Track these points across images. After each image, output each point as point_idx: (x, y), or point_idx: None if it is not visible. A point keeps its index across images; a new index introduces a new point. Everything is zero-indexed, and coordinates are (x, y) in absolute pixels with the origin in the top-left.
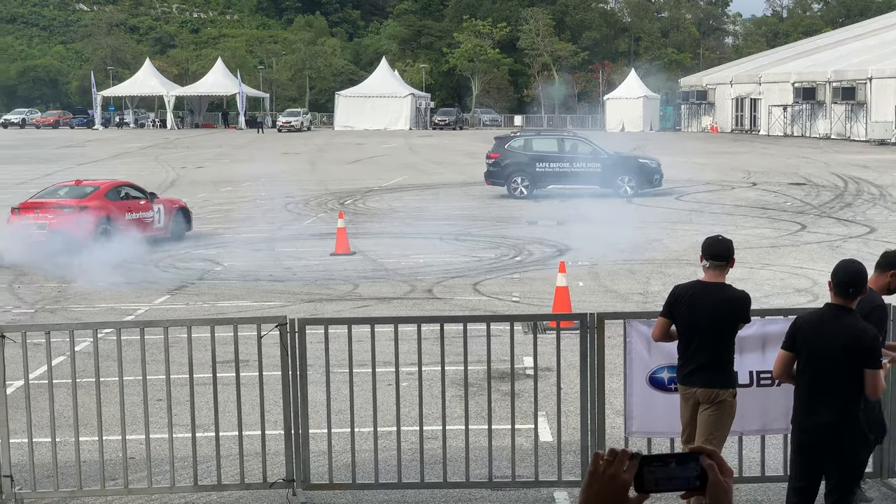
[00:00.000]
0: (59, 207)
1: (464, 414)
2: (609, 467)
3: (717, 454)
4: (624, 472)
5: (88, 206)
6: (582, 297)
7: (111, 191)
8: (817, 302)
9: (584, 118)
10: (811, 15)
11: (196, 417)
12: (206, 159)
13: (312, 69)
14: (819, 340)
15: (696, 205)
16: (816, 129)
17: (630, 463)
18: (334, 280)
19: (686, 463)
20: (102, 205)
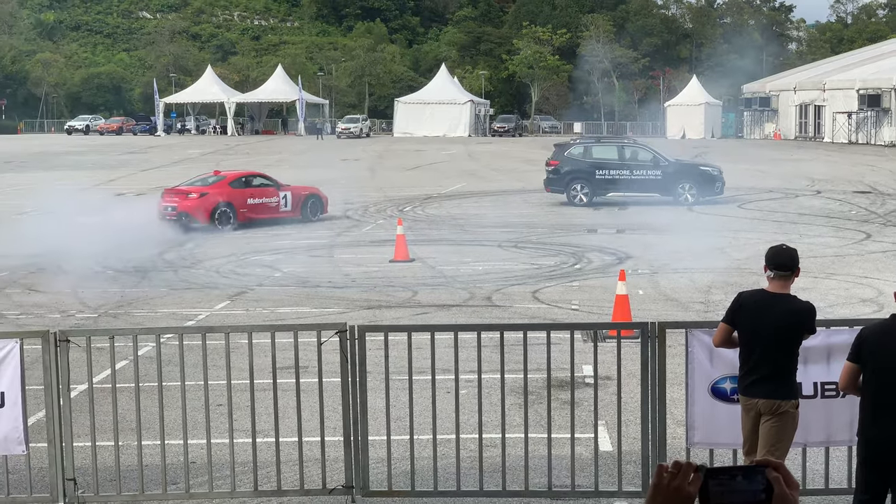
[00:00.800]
0: (185, 193)
1: (523, 422)
2: (674, 479)
3: (784, 467)
4: (689, 484)
5: (208, 193)
6: (642, 305)
7: (236, 180)
8: (882, 312)
9: (645, 125)
10: (876, 21)
11: (256, 423)
12: (266, 165)
13: (372, 76)
14: (885, 352)
15: (759, 213)
16: (882, 136)
17: (695, 475)
18: (393, 287)
19: (752, 476)
20: (223, 191)
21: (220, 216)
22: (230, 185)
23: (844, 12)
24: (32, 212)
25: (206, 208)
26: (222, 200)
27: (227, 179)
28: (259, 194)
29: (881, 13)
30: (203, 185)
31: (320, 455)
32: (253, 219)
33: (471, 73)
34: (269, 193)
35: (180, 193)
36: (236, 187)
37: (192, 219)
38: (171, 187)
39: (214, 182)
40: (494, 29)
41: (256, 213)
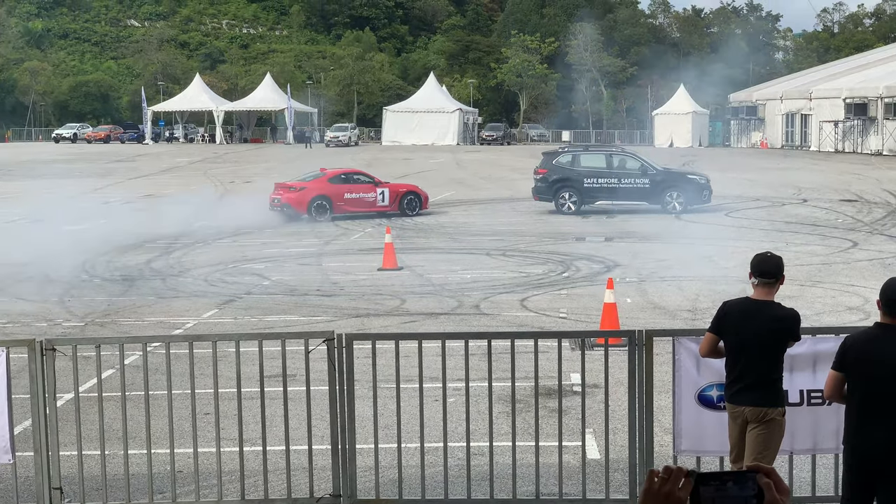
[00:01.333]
0: (289, 187)
1: (511, 430)
2: (664, 485)
3: (775, 473)
4: (679, 489)
5: (307, 187)
6: (630, 313)
7: (336, 176)
8: (868, 320)
9: (633, 134)
10: (863, 30)
11: (244, 432)
12: (255, 174)
13: (360, 84)
14: (869, 360)
15: (746, 221)
16: (868, 145)
17: (686, 480)
18: (381, 295)
19: (743, 481)
20: (321, 186)
21: (316, 208)
22: (329, 180)
23: (831, 21)
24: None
25: (304, 201)
26: (319, 194)
27: (327, 175)
28: (356, 189)
29: (868, 22)
30: (306, 180)
31: (308, 463)
32: (349, 211)
33: (459, 81)
34: (367, 189)
35: (285, 187)
36: (334, 183)
37: (292, 209)
38: (281, 182)
39: (315, 178)
40: (483, 37)
41: (353, 206)
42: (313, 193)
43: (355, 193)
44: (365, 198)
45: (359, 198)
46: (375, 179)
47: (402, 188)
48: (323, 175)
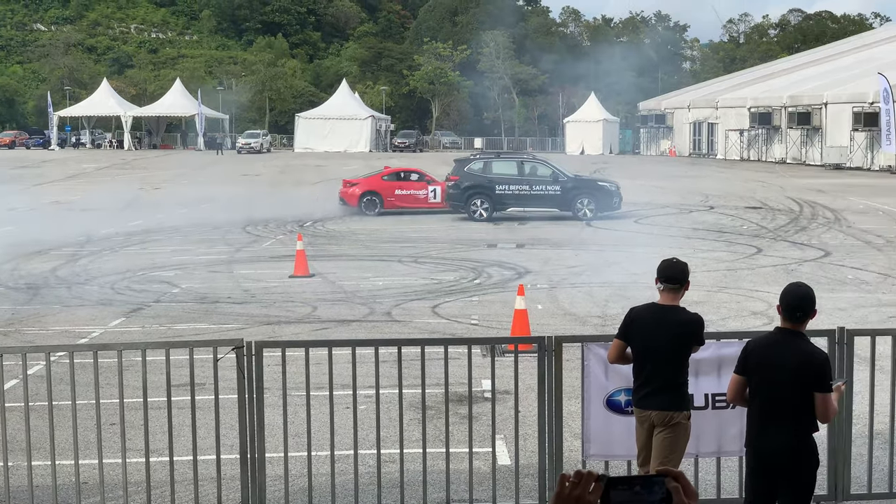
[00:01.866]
0: (348, 183)
1: (421, 437)
2: (575, 489)
3: (683, 476)
4: (590, 493)
5: (358, 184)
6: (541, 320)
7: (391, 174)
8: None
9: (544, 141)
10: (767, 41)
11: (150, 442)
12: (164, 180)
13: (272, 90)
14: (769, 364)
15: (655, 228)
16: (772, 153)
17: (596, 485)
18: (293, 302)
19: (651, 485)
20: (374, 183)
21: (366, 203)
22: (382, 178)
23: (737, 32)
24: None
25: (355, 195)
26: (370, 189)
27: (382, 173)
28: (408, 186)
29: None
30: (364, 177)
31: (216, 473)
32: (400, 206)
33: (372, 88)
34: (419, 186)
35: (346, 183)
36: (388, 180)
37: (346, 203)
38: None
39: (371, 175)
40: (395, 45)
41: (403, 202)
42: (364, 189)
43: (406, 190)
44: (416, 194)
45: (409, 194)
46: (427, 177)
47: None
48: (376, 173)
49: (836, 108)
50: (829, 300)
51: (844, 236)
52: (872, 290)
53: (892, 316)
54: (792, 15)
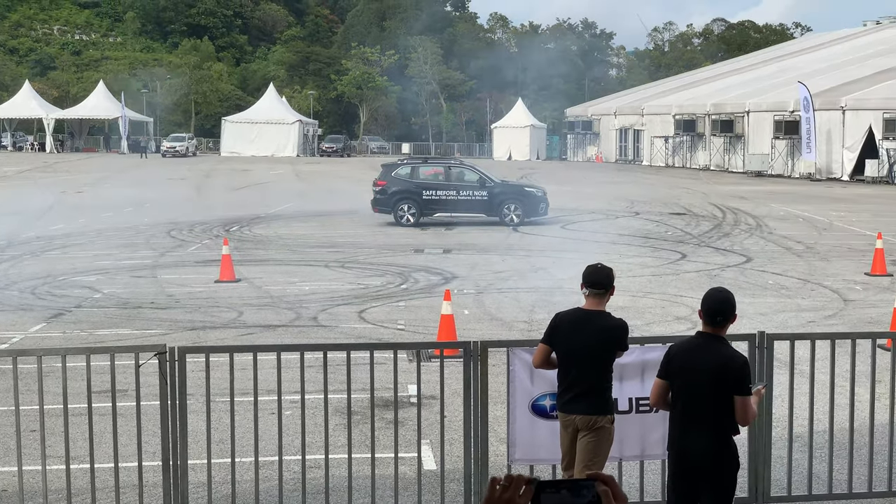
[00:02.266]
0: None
1: (347, 442)
2: (505, 492)
3: (613, 480)
4: (520, 496)
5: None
6: (467, 325)
7: None
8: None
9: (472, 146)
10: (692, 49)
11: (71, 449)
12: (86, 184)
13: (198, 94)
14: (691, 368)
15: (582, 233)
16: (696, 160)
17: (527, 488)
18: (218, 307)
19: (581, 489)
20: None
21: None
22: None
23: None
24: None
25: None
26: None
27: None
28: None
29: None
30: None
31: (138, 481)
32: None
33: (299, 92)
34: None
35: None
36: None
37: None
38: None
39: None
40: (323, 49)
41: None
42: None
43: None
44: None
45: None
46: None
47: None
48: None
49: (758, 117)
50: (751, 305)
51: (766, 242)
52: (792, 295)
53: (812, 321)
54: (715, 24)
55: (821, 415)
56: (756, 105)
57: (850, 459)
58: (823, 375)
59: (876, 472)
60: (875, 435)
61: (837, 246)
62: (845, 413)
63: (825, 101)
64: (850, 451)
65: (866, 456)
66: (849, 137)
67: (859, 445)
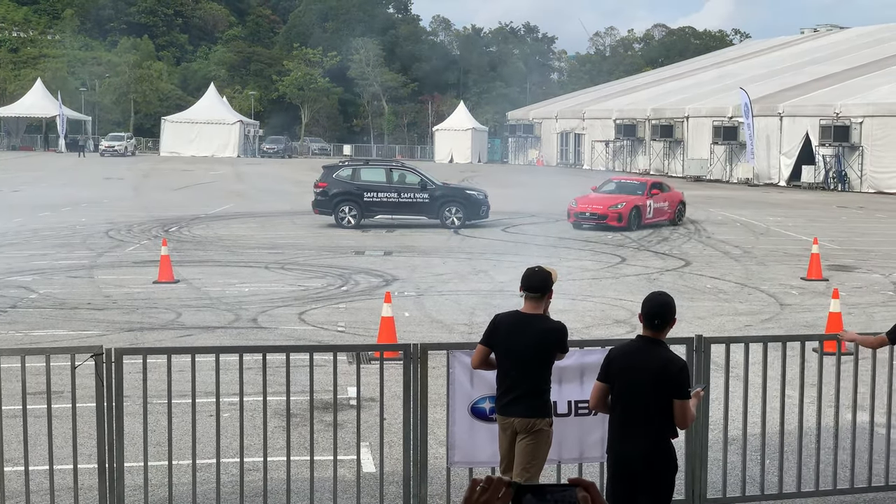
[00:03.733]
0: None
1: (286, 445)
2: (484, 494)
3: (593, 487)
4: (499, 499)
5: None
6: (408, 327)
7: None
8: (634, 333)
9: (414, 149)
10: (633, 54)
11: (5, 451)
12: (23, 182)
13: (138, 93)
14: (630, 371)
15: (522, 237)
16: (637, 164)
17: (506, 490)
18: (156, 309)
19: (561, 492)
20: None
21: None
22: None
23: (603, 45)
24: None
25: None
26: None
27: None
28: None
29: (637, 46)
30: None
31: (73, 483)
32: None
33: (240, 93)
34: None
35: None
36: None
37: None
38: None
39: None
40: (265, 49)
41: None
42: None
43: None
44: None
45: None
46: None
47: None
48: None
49: (697, 122)
50: (689, 309)
51: (704, 247)
52: (730, 299)
53: (749, 325)
54: (656, 30)
55: (755, 417)
56: (695, 110)
57: (780, 461)
58: (758, 378)
59: (805, 473)
60: (805, 436)
61: (774, 251)
62: (777, 416)
63: (763, 107)
64: (780, 452)
65: (795, 457)
66: (786, 143)
67: (790, 447)
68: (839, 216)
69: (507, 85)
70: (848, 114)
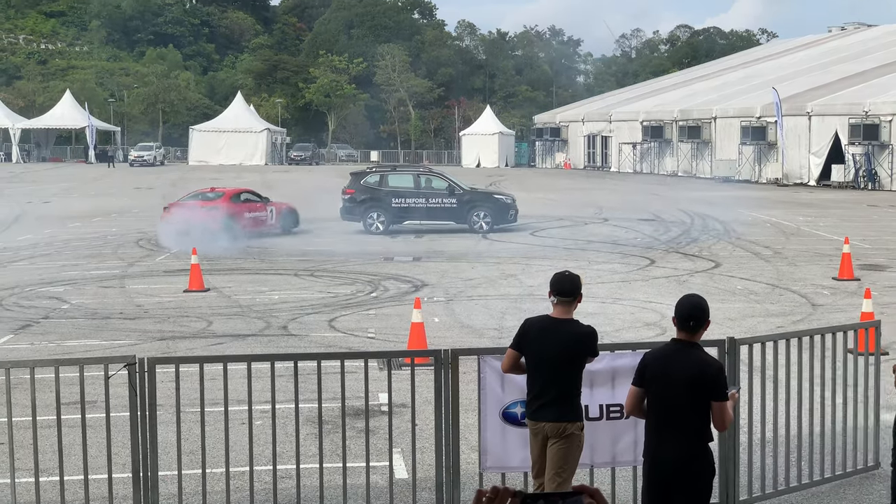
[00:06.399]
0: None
1: (318, 452)
2: None
3: (599, 493)
4: None
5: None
6: (438, 332)
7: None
8: (664, 335)
9: (441, 154)
10: (658, 56)
11: (40, 461)
12: (53, 194)
13: (165, 102)
14: (666, 375)
15: (551, 240)
16: (664, 166)
17: (512, 500)
18: (188, 317)
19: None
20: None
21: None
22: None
23: (629, 47)
24: None
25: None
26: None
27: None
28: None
29: (663, 48)
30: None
31: (108, 493)
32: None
33: (267, 101)
34: (258, 208)
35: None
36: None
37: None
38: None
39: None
40: (291, 57)
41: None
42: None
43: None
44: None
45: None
46: (265, 202)
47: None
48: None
49: (725, 122)
50: (720, 311)
51: (734, 248)
52: (761, 300)
53: (780, 326)
54: (680, 31)
55: (785, 418)
56: (723, 111)
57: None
58: (792, 381)
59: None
60: (837, 436)
61: (805, 251)
62: (815, 416)
63: (791, 106)
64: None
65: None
66: (815, 143)
67: (825, 445)
68: (870, 215)
69: (534, 89)
70: (877, 112)
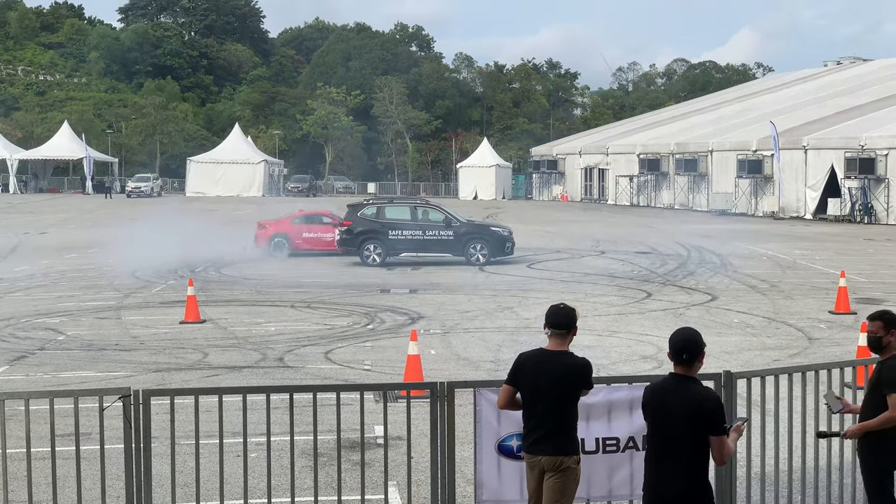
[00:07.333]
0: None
1: (313, 484)
2: None
3: None
4: None
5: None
6: (434, 365)
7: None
8: (661, 368)
9: (438, 186)
10: (655, 89)
11: (34, 493)
12: (50, 225)
13: (163, 134)
14: (664, 409)
15: (547, 273)
16: (661, 199)
17: None
18: (183, 349)
19: None
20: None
21: (275, 245)
22: (291, 221)
23: (626, 80)
24: None
25: (265, 237)
26: (278, 232)
27: (291, 216)
28: (316, 230)
29: (659, 81)
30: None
31: None
32: (308, 249)
33: (265, 132)
34: (326, 229)
35: (261, 226)
36: (297, 223)
37: (256, 245)
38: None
39: (279, 218)
40: (288, 89)
41: (310, 244)
42: (273, 231)
43: (314, 233)
44: (323, 237)
45: (316, 237)
46: (335, 220)
47: None
48: (289, 216)
49: (721, 156)
50: (716, 344)
51: (730, 281)
52: (757, 333)
53: (777, 359)
54: (677, 64)
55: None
56: (719, 144)
57: (799, 489)
58: (793, 414)
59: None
60: (834, 472)
61: (801, 284)
62: (811, 451)
63: (788, 140)
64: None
65: (837, 491)
66: (811, 176)
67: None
68: (866, 248)
69: (531, 121)
70: (873, 146)
